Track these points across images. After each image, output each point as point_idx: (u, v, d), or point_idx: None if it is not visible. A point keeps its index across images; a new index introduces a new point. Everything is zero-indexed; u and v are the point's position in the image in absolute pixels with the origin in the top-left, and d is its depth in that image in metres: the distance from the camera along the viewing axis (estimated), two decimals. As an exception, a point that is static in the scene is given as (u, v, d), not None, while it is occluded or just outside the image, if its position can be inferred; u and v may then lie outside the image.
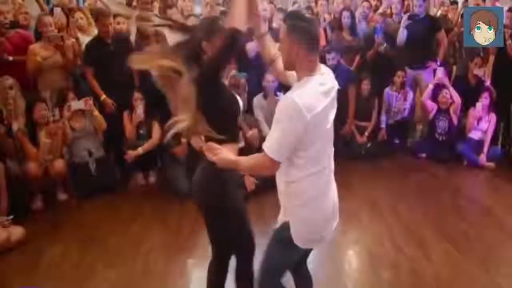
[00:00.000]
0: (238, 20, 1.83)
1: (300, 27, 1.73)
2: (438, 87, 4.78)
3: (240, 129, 2.06)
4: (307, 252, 2.04)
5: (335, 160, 1.82)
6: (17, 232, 3.22)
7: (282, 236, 1.90)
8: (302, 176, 1.81)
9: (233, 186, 2.09)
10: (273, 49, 2.05)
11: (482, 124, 4.67)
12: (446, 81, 4.74)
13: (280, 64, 1.91)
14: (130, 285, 2.77)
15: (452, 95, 4.70)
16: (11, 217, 3.27)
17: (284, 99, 1.74)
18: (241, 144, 3.83)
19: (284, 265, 2.00)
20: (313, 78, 1.75)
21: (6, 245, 3.11)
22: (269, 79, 4.25)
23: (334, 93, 1.83)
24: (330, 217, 1.93)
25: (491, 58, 5.13)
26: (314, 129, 1.71)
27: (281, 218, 1.95)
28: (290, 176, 1.83)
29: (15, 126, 3.76)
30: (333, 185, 1.99)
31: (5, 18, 4.15)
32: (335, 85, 1.85)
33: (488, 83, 4.91)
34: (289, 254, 1.94)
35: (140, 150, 4.06)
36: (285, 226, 1.88)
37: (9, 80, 3.89)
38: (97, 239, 3.33)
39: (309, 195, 1.83)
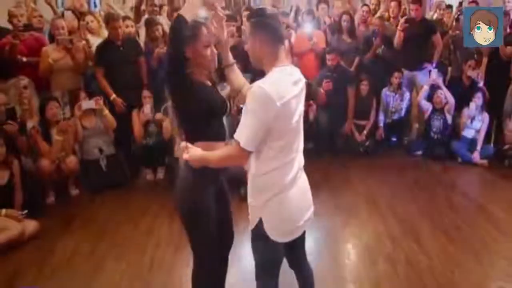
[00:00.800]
0: (187, 9, 1.77)
1: (262, 23, 1.72)
2: (433, 88, 4.76)
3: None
4: (293, 243, 1.93)
5: (335, 156, 1.85)
6: (31, 225, 3.23)
7: (258, 235, 1.83)
8: (271, 168, 1.74)
9: (202, 190, 1.94)
10: (241, 78, 1.98)
11: (476, 123, 4.65)
12: (440, 82, 4.72)
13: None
14: (139, 276, 2.77)
15: (446, 95, 4.68)
16: (26, 211, 3.27)
17: (253, 88, 1.64)
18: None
19: (273, 261, 1.92)
20: (280, 68, 1.72)
21: (21, 238, 3.12)
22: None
23: (302, 85, 1.78)
24: (303, 206, 1.88)
25: (484, 60, 5.13)
26: (284, 118, 1.66)
27: (252, 218, 1.84)
28: (259, 169, 1.77)
29: (29, 124, 3.77)
30: (303, 175, 1.91)
31: (19, 21, 4.14)
32: (303, 78, 1.81)
33: (481, 84, 4.89)
34: (272, 250, 1.86)
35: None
36: (259, 225, 1.80)
37: (24, 80, 3.93)
38: (108, 232, 3.33)
39: (279, 187, 1.76)
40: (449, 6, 6.41)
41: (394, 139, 5.10)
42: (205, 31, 1.83)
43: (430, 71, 4.96)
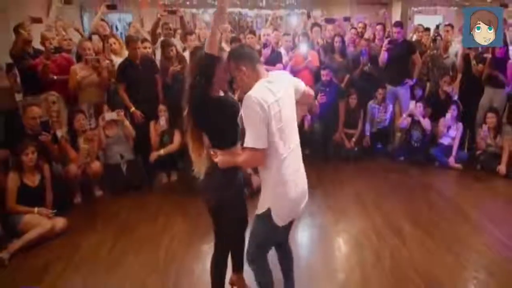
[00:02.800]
0: (213, 47, 1.87)
1: (238, 54, 1.88)
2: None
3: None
4: (285, 229, 2.07)
5: (328, 161, 1.85)
6: (60, 222, 3.22)
7: (265, 219, 1.93)
8: (271, 163, 1.84)
9: (233, 186, 2.08)
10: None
11: (451, 131, 4.67)
12: (417, 112, 4.70)
13: None
14: (155, 269, 2.77)
15: (422, 122, 4.68)
16: (55, 211, 3.26)
17: (244, 100, 1.76)
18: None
19: (270, 242, 2.08)
20: (260, 81, 1.84)
21: (51, 234, 3.12)
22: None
23: (286, 91, 1.88)
24: (301, 197, 1.99)
25: (459, 76, 5.15)
26: (273, 118, 1.77)
27: (262, 205, 1.95)
28: (263, 165, 1.88)
29: (59, 134, 3.75)
30: (301, 169, 2.02)
31: (50, 44, 4.16)
32: (286, 85, 1.91)
33: (455, 97, 4.91)
34: (273, 233, 1.99)
35: (161, 152, 4.04)
36: (267, 212, 1.92)
37: (53, 96, 3.92)
38: (128, 229, 3.32)
39: (281, 180, 1.86)
40: (427, 29, 6.47)
41: (379, 146, 5.10)
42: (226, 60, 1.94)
43: (410, 86, 4.99)
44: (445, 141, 4.70)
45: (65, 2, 4.87)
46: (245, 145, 1.76)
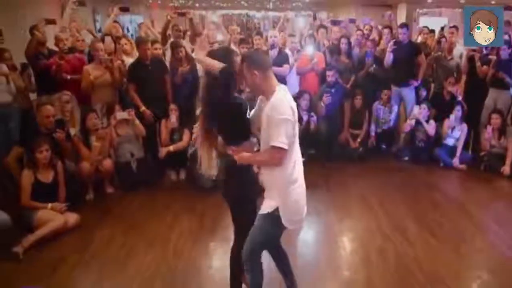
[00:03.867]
0: (213, 65, 1.92)
1: (252, 59, 1.93)
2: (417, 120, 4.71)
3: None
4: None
5: (333, 161, 1.86)
6: (73, 218, 3.23)
7: (272, 218, 1.98)
8: (285, 164, 1.91)
9: (256, 181, 2.13)
10: None
11: (455, 132, 4.61)
12: (421, 118, 4.63)
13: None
14: (163, 264, 2.78)
15: (425, 128, 4.62)
16: (67, 203, 3.27)
17: (276, 102, 1.85)
18: (256, 147, 3.85)
19: (273, 242, 2.15)
20: (279, 88, 1.91)
21: (64, 229, 3.13)
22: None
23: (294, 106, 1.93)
24: (304, 202, 2.06)
25: (463, 77, 5.09)
26: (293, 124, 1.87)
27: (269, 204, 1.99)
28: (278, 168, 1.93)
29: (72, 132, 3.78)
30: (302, 176, 2.07)
31: (64, 44, 4.19)
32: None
33: (459, 98, 4.85)
34: (277, 233, 2.08)
35: (171, 148, 4.04)
36: (275, 211, 1.96)
37: (66, 96, 3.94)
38: (138, 224, 3.33)
39: (290, 182, 1.94)
40: (432, 31, 6.40)
41: (384, 146, 5.05)
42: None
43: (415, 87, 4.93)
44: (449, 142, 4.65)
45: (79, 4, 4.89)
46: (272, 143, 1.83)
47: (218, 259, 2.80)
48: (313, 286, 2.55)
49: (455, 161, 4.53)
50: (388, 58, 4.78)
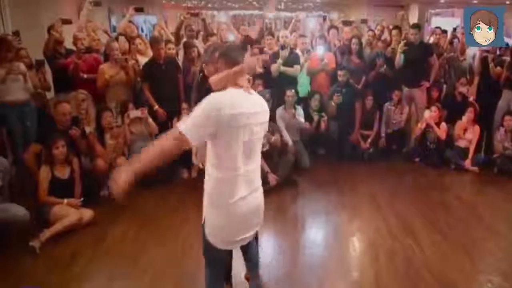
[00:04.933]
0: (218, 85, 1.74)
1: (222, 54, 1.76)
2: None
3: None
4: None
5: (343, 162, 1.76)
6: (87, 214, 3.24)
7: (203, 233, 1.77)
8: (215, 176, 1.65)
9: None
10: None
11: (468, 134, 4.52)
12: (432, 122, 4.57)
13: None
14: (173, 260, 2.78)
15: (437, 132, 4.55)
16: (82, 199, 3.30)
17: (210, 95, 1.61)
18: (266, 147, 3.84)
19: (215, 263, 1.84)
20: (237, 89, 1.68)
21: (79, 224, 3.14)
22: (289, 94, 4.22)
23: (258, 109, 1.71)
24: (241, 227, 1.73)
25: (476, 79, 4.99)
26: (228, 128, 1.57)
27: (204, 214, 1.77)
28: (207, 172, 1.70)
29: (87, 130, 3.80)
30: (255, 195, 1.75)
31: (82, 44, 4.22)
32: (264, 106, 1.76)
33: (471, 99, 4.74)
34: (212, 252, 1.76)
35: None
36: (203, 224, 1.75)
37: (82, 95, 3.97)
38: (150, 221, 3.33)
39: (222, 199, 1.66)
40: (444, 31, 6.26)
41: (394, 147, 4.98)
42: None
43: (427, 88, 4.86)
44: (461, 143, 4.57)
45: (95, 4, 4.93)
46: (178, 124, 1.60)
47: None
48: (321, 287, 2.53)
49: (467, 163, 4.44)
50: (399, 59, 4.71)
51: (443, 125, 4.60)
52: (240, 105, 1.62)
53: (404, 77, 4.84)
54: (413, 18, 9.42)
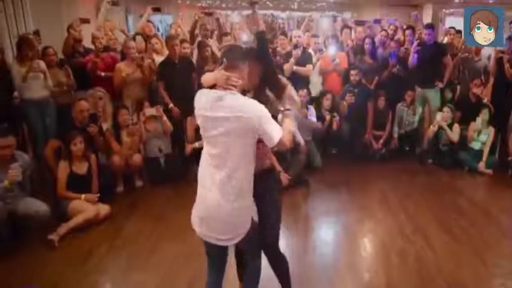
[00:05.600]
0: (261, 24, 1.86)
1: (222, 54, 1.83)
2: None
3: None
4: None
5: (355, 162, 1.71)
6: (104, 209, 3.29)
7: None
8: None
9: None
10: None
11: (482, 136, 4.41)
12: (444, 125, 4.46)
13: None
14: (188, 257, 2.77)
15: (449, 136, 4.45)
16: (98, 195, 3.31)
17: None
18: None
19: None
20: (212, 90, 1.75)
21: (96, 219, 3.18)
22: (301, 94, 4.18)
23: (227, 120, 1.65)
24: (197, 215, 1.84)
25: (492, 80, 4.85)
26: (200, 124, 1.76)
27: None
28: None
29: (104, 127, 3.83)
30: (212, 194, 1.73)
31: (100, 43, 4.27)
32: (234, 115, 1.64)
33: (485, 100, 4.62)
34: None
35: (196, 144, 3.96)
36: None
37: (100, 92, 4.01)
38: (164, 217, 3.35)
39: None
40: (459, 31, 6.08)
41: (407, 148, 4.88)
42: None
43: (440, 89, 4.76)
44: (475, 145, 4.45)
45: (113, 4, 4.98)
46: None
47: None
48: (332, 287, 2.51)
49: (481, 166, 4.32)
50: (412, 58, 4.63)
51: (456, 126, 4.50)
52: (203, 107, 1.74)
53: (417, 78, 4.75)
54: (427, 18, 9.24)
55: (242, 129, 1.67)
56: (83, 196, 3.24)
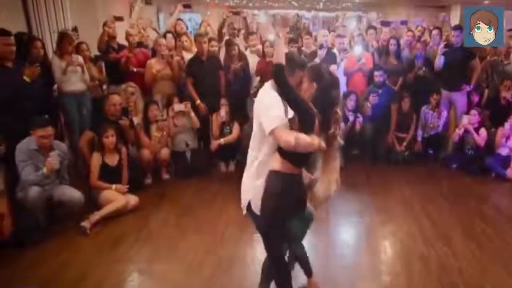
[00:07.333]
0: (281, 57, 1.76)
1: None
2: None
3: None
4: None
5: (377, 163, 1.53)
6: (133, 199, 3.33)
7: None
8: None
9: None
10: None
11: (510, 142, 4.14)
12: (470, 128, 4.24)
13: None
14: (212, 248, 2.79)
15: (475, 138, 4.21)
16: (127, 186, 3.36)
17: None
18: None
19: None
20: None
21: (125, 209, 3.22)
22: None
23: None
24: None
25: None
26: None
27: None
28: None
29: (135, 121, 3.86)
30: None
31: (133, 39, 4.30)
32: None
33: None
34: None
35: (222, 141, 4.02)
36: None
37: (131, 88, 4.04)
38: (190, 210, 3.38)
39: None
40: (489, 34, 5.80)
41: (431, 152, 4.67)
42: None
43: (467, 92, 4.54)
44: (503, 151, 4.19)
45: (146, 3, 5.02)
46: None
47: (263, 252, 2.74)
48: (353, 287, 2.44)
49: (509, 172, 4.08)
50: (439, 61, 4.42)
51: (483, 131, 4.26)
52: None
53: (443, 80, 4.54)
54: (455, 19, 8.82)
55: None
56: (114, 186, 3.29)
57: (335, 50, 4.73)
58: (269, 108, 1.73)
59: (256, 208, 1.90)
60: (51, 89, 3.91)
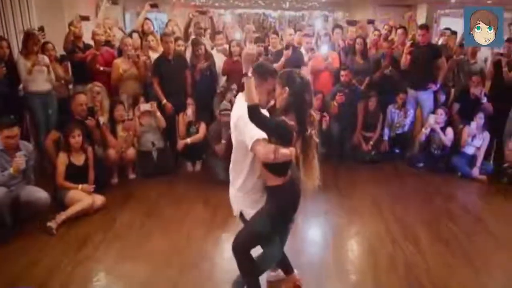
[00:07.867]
0: (253, 98, 1.81)
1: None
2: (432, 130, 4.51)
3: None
4: None
5: (344, 162, 1.66)
6: (99, 199, 3.44)
7: None
8: None
9: None
10: None
11: (476, 141, 4.30)
12: (437, 128, 4.42)
13: None
14: (177, 249, 2.89)
15: (442, 138, 4.39)
16: (93, 186, 3.47)
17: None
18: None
19: None
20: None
21: (91, 209, 3.33)
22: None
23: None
24: None
25: (487, 84, 4.79)
26: None
27: None
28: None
29: (101, 120, 3.99)
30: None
31: (100, 39, 4.44)
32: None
33: (484, 100, 4.39)
34: None
35: (188, 141, 4.16)
36: None
37: (97, 87, 4.16)
38: (156, 210, 3.48)
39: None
40: (454, 33, 6.00)
41: (397, 151, 4.86)
42: None
43: (434, 91, 4.75)
44: (469, 150, 4.34)
45: (112, 3, 5.17)
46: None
47: (228, 250, 2.74)
48: (320, 286, 2.53)
49: (475, 171, 4.24)
50: (405, 60, 4.63)
51: (449, 130, 4.40)
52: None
53: (410, 79, 4.75)
54: (421, 19, 8.99)
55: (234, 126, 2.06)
56: (80, 186, 3.38)
57: (302, 49, 4.86)
58: (247, 123, 1.83)
59: (249, 216, 2.11)
60: (16, 89, 4.02)
